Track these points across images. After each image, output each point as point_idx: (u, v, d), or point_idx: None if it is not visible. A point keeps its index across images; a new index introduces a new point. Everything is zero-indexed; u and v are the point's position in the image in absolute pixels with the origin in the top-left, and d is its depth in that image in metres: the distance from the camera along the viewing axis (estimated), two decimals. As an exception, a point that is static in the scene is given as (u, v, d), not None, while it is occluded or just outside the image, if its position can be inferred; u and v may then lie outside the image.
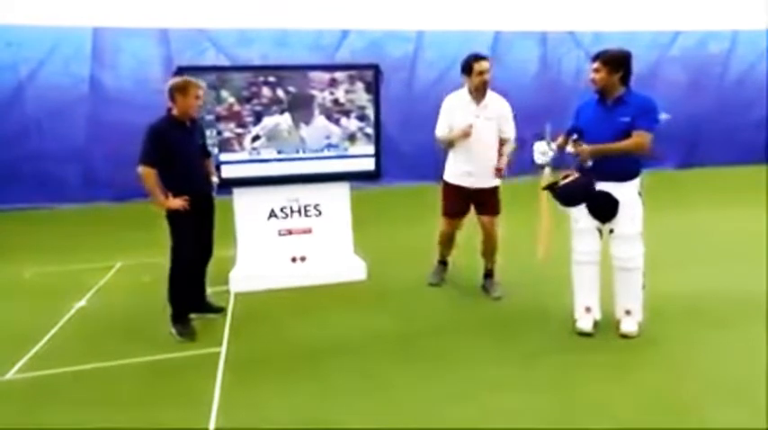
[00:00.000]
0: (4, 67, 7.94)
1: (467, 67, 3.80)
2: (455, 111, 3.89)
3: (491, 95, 3.90)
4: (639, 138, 3.10)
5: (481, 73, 3.74)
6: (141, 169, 3.31)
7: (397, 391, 2.81)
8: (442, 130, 3.96)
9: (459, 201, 4.00)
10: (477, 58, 3.78)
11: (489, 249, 4.12)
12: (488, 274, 4.18)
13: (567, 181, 3.22)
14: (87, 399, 2.80)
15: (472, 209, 4.08)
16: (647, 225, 3.27)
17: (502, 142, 3.97)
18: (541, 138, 3.32)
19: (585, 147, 3.19)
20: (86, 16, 7.98)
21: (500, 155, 3.93)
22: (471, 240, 4.30)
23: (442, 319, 3.72)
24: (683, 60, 10.43)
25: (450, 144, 3.95)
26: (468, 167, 3.90)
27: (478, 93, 3.83)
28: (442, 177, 4.10)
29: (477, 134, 3.83)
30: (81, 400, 2.79)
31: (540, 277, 4.19)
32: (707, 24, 10.24)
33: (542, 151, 3.31)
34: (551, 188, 3.26)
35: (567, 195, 3.24)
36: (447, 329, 3.55)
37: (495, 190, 3.99)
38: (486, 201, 3.97)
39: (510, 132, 3.98)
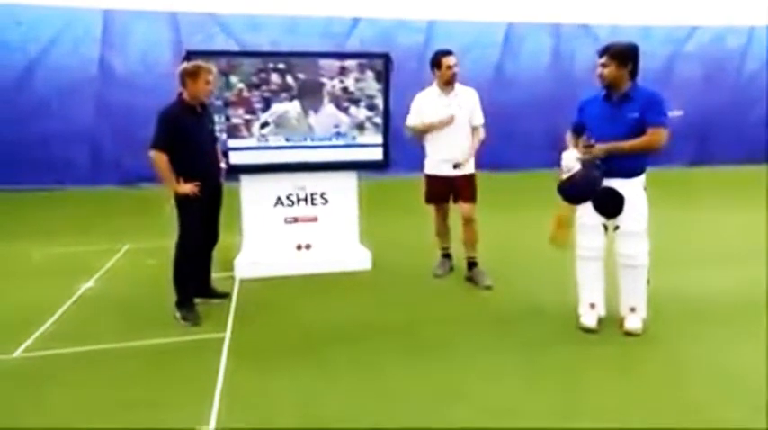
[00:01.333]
0: (13, 47, 7.94)
1: (436, 62, 3.99)
2: (426, 107, 4.08)
3: (459, 87, 4.08)
4: (655, 136, 3.04)
5: (449, 67, 3.95)
6: (153, 153, 3.31)
7: (398, 381, 2.81)
8: (412, 121, 4.14)
9: (440, 188, 4.17)
10: (445, 53, 3.99)
11: (470, 237, 4.19)
12: (472, 265, 4.22)
13: (569, 175, 3.14)
14: (91, 380, 2.82)
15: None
16: (653, 222, 3.24)
17: (473, 130, 4.14)
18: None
19: (599, 145, 3.12)
20: (97, -2, 7.97)
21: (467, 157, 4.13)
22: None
23: (446, 311, 3.71)
24: (699, 56, 10.28)
25: (422, 132, 4.10)
26: (446, 155, 4.06)
27: (447, 86, 4.02)
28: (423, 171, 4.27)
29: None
30: (85, 381, 2.81)
31: (547, 271, 4.17)
32: (724, 20, 10.08)
33: (572, 165, 3.19)
34: (559, 188, 3.21)
35: (572, 192, 3.18)
36: (451, 321, 3.54)
37: (471, 176, 4.14)
38: (463, 187, 4.11)
39: (479, 119, 4.14)
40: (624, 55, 3.06)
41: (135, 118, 7.66)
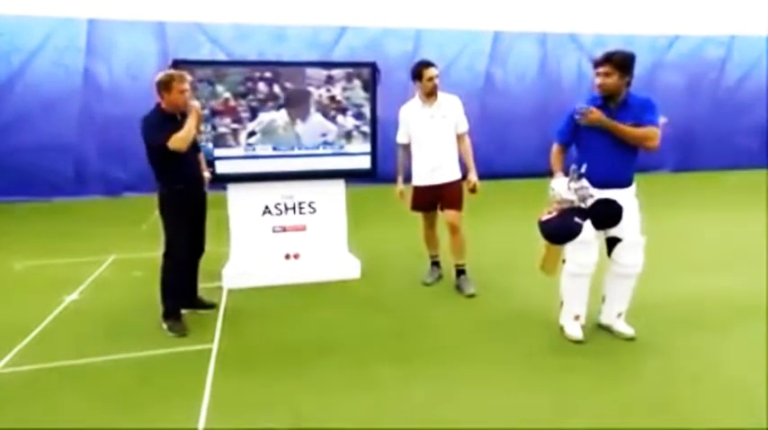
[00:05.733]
0: (-4, 57, 7.84)
1: (417, 74, 3.99)
2: (410, 118, 4.13)
3: (442, 96, 4.07)
4: (651, 133, 2.97)
5: (430, 79, 3.95)
6: (170, 143, 3.19)
7: (388, 390, 2.79)
8: (401, 138, 4.25)
9: (427, 196, 4.18)
10: (427, 64, 3.98)
11: (457, 245, 4.20)
12: (460, 272, 4.23)
13: (548, 217, 3.11)
14: (76, 395, 2.77)
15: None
16: (642, 228, 3.26)
17: (459, 138, 4.15)
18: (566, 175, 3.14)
19: (598, 113, 3.01)
20: (81, 7, 7.90)
21: (468, 172, 4.14)
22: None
23: (435, 319, 3.70)
24: (681, 64, 10.46)
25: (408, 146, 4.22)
26: (431, 163, 4.09)
27: (430, 97, 4.03)
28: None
29: (434, 132, 4.05)
30: (69, 396, 2.76)
31: (538, 279, 4.18)
32: (705, 29, 10.28)
33: (562, 192, 3.11)
34: (539, 223, 3.17)
35: (549, 233, 3.14)
36: (440, 329, 3.54)
37: (457, 184, 4.15)
38: (449, 195, 4.12)
39: (464, 127, 4.15)
40: (627, 64, 2.97)
41: (120, 128, 7.61)
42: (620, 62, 2.96)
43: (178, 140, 3.22)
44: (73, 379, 2.93)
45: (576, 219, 3.06)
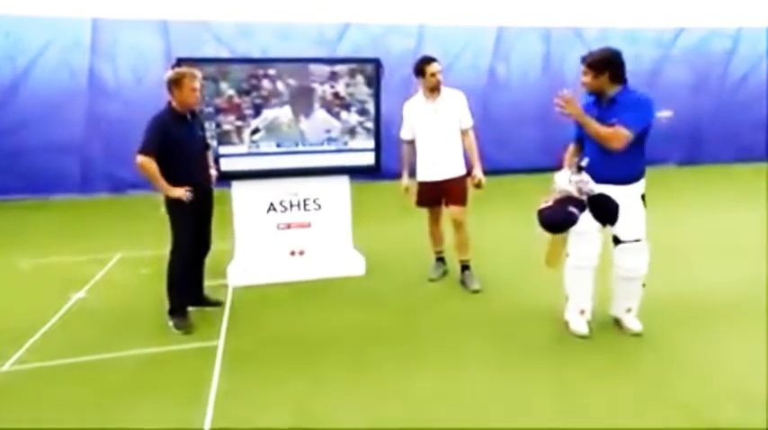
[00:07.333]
0: (1, 57, 7.88)
1: (420, 70, 3.99)
2: (414, 114, 4.13)
3: (446, 91, 4.07)
4: (615, 134, 2.94)
5: (433, 74, 3.94)
6: (140, 158, 3.26)
7: (392, 386, 2.80)
8: (405, 134, 4.25)
9: (432, 192, 4.17)
10: (429, 60, 3.97)
11: (461, 240, 4.20)
12: (465, 267, 4.24)
13: (545, 206, 3.14)
14: (82, 392, 2.79)
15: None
16: (647, 222, 3.24)
17: (463, 134, 4.13)
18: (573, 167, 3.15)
19: (575, 106, 3.05)
20: (85, 7, 7.92)
21: (473, 168, 4.11)
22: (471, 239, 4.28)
23: (440, 315, 3.70)
24: (687, 57, 10.37)
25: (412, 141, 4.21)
26: (435, 158, 4.08)
27: (433, 92, 4.02)
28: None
29: (437, 127, 4.05)
30: (75, 393, 2.78)
31: (542, 274, 4.17)
32: (711, 21, 10.18)
33: (563, 184, 3.15)
34: (537, 212, 3.18)
35: (545, 221, 3.15)
36: (446, 325, 3.54)
37: (462, 179, 4.13)
38: (453, 190, 4.11)
39: (468, 122, 4.13)
40: (599, 63, 3.00)
41: (125, 127, 7.61)
42: (592, 63, 3.03)
43: (142, 164, 3.26)
44: (79, 376, 2.95)
45: (571, 208, 3.07)
